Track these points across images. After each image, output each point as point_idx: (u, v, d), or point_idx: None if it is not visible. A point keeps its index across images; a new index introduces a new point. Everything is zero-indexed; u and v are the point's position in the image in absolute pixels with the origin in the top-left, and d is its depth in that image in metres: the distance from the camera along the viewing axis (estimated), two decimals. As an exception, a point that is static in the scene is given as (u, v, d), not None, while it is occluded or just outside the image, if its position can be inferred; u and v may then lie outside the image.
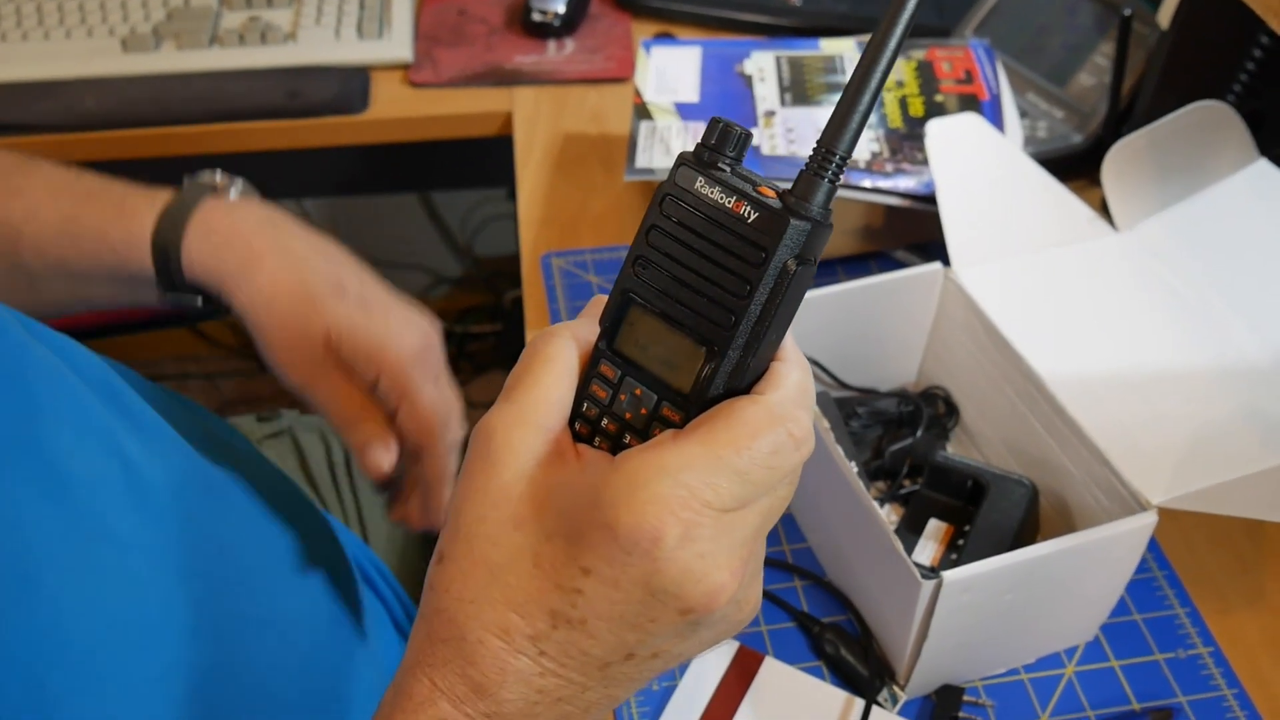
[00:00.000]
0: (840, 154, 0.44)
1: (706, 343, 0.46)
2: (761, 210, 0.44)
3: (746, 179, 0.45)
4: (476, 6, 1.39)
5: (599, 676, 0.47)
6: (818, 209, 0.44)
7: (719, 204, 0.45)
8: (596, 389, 0.49)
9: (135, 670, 0.60)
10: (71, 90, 1.25)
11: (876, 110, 1.03)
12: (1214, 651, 0.81)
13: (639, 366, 0.48)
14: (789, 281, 0.45)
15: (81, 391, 0.66)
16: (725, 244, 0.45)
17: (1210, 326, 0.86)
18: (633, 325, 0.48)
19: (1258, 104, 1.01)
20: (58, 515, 0.59)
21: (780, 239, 0.44)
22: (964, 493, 0.84)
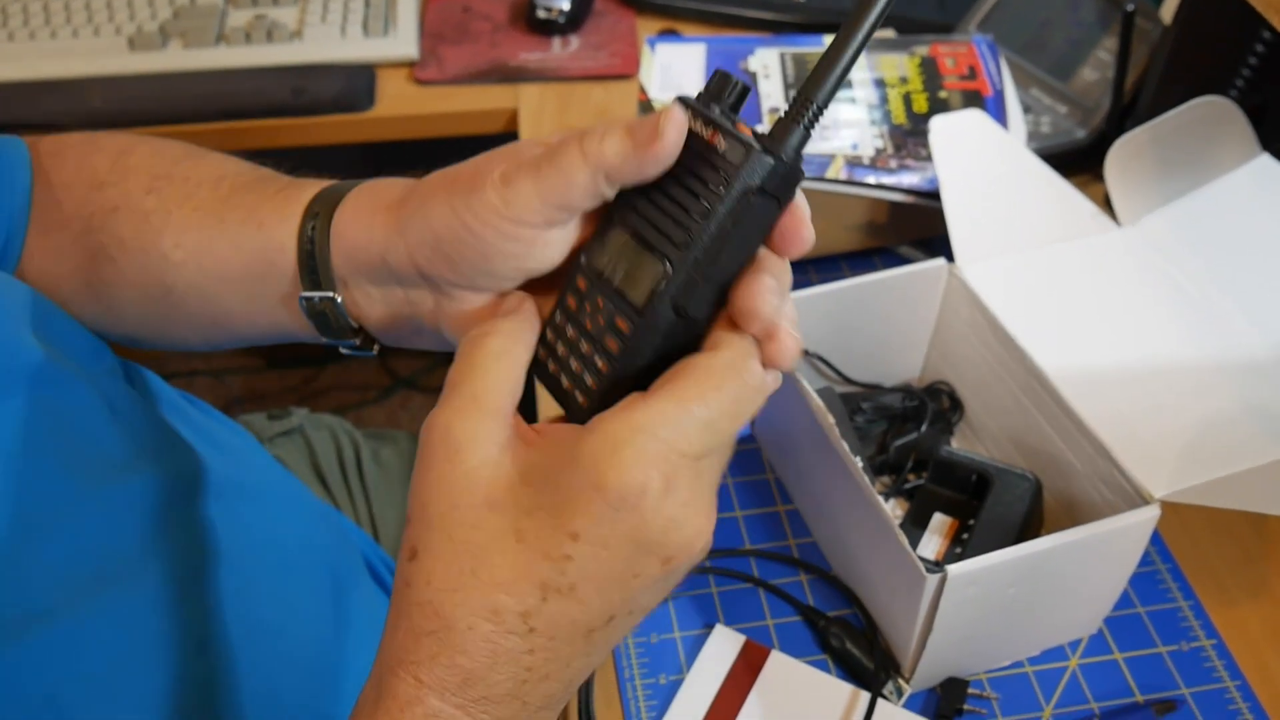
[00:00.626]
0: (817, 103, 0.47)
1: (665, 260, 0.48)
2: (733, 142, 0.47)
3: (729, 118, 0.48)
4: (481, 4, 1.40)
5: (583, 645, 0.48)
6: (788, 151, 0.47)
7: (698, 134, 0.48)
8: (570, 299, 0.52)
9: (148, 680, 0.61)
10: (79, 89, 1.26)
11: (880, 107, 1.03)
12: (1217, 644, 0.81)
13: (607, 281, 0.50)
14: (747, 210, 0.47)
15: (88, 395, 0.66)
16: (696, 171, 0.48)
17: (1212, 321, 0.86)
18: (607, 242, 0.51)
19: (1260, 98, 1.02)
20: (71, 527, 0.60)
21: (743, 168, 0.46)
22: (968, 487, 0.85)
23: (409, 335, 0.61)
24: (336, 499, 1.05)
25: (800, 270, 1.08)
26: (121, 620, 0.61)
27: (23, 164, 0.70)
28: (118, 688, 0.60)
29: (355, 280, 0.59)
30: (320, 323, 0.61)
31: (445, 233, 0.53)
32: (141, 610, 0.62)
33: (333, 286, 0.60)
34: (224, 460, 0.76)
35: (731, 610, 0.83)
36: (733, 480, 0.92)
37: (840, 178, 0.97)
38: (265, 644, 0.70)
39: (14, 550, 0.56)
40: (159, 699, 0.62)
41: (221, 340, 0.69)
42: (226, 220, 0.63)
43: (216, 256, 0.63)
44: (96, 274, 0.68)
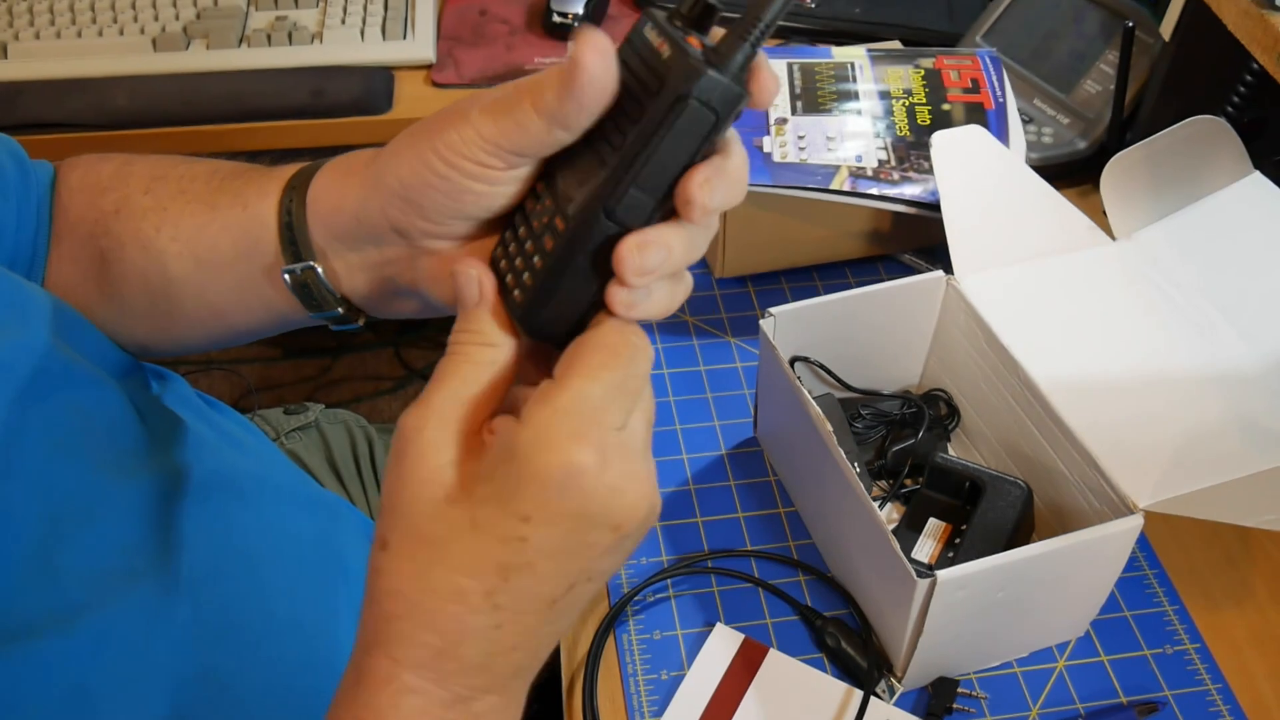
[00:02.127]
0: (765, 22, 0.47)
1: (601, 162, 0.50)
2: (676, 50, 0.48)
3: (683, 30, 0.49)
4: (497, 7, 1.42)
5: (547, 614, 0.51)
6: (730, 67, 0.47)
7: (649, 43, 0.49)
8: (528, 202, 0.55)
9: (170, 672, 0.64)
10: (104, 88, 1.29)
11: (885, 119, 1.06)
12: (1200, 647, 0.84)
13: (556, 185, 0.53)
14: (680, 117, 0.48)
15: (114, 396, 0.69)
16: (641, 77, 0.49)
17: (1202, 334, 0.89)
18: (567, 150, 0.52)
19: (1255, 115, 1.04)
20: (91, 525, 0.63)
21: (681, 75, 0.47)
22: (962, 493, 0.87)
23: (390, 300, 0.64)
24: (350, 492, 1.08)
25: (805, 276, 1.12)
26: (145, 615, 0.64)
27: (49, 184, 0.74)
28: (141, 679, 0.63)
29: (333, 248, 0.62)
30: (304, 295, 0.64)
31: (413, 179, 0.55)
32: (164, 604, 0.65)
33: (312, 256, 0.63)
34: (242, 458, 0.79)
35: (732, 609, 0.86)
36: (735, 482, 0.95)
37: (845, 189, 1.00)
38: (281, 636, 0.72)
39: (47, 548, 0.59)
40: (180, 689, 0.64)
41: (222, 335, 0.72)
42: (217, 206, 0.67)
43: (208, 242, 0.67)
44: (105, 276, 0.71)
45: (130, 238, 0.69)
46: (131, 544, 0.65)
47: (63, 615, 0.59)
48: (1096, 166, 1.00)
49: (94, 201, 0.72)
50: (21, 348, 0.63)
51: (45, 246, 0.73)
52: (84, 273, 0.72)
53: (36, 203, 0.73)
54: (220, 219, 0.66)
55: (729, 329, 1.08)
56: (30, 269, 0.72)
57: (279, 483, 0.82)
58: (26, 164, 0.74)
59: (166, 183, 0.70)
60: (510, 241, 0.55)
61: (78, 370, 0.66)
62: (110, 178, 0.72)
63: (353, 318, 0.66)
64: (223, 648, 0.67)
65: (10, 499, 0.59)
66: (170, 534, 0.68)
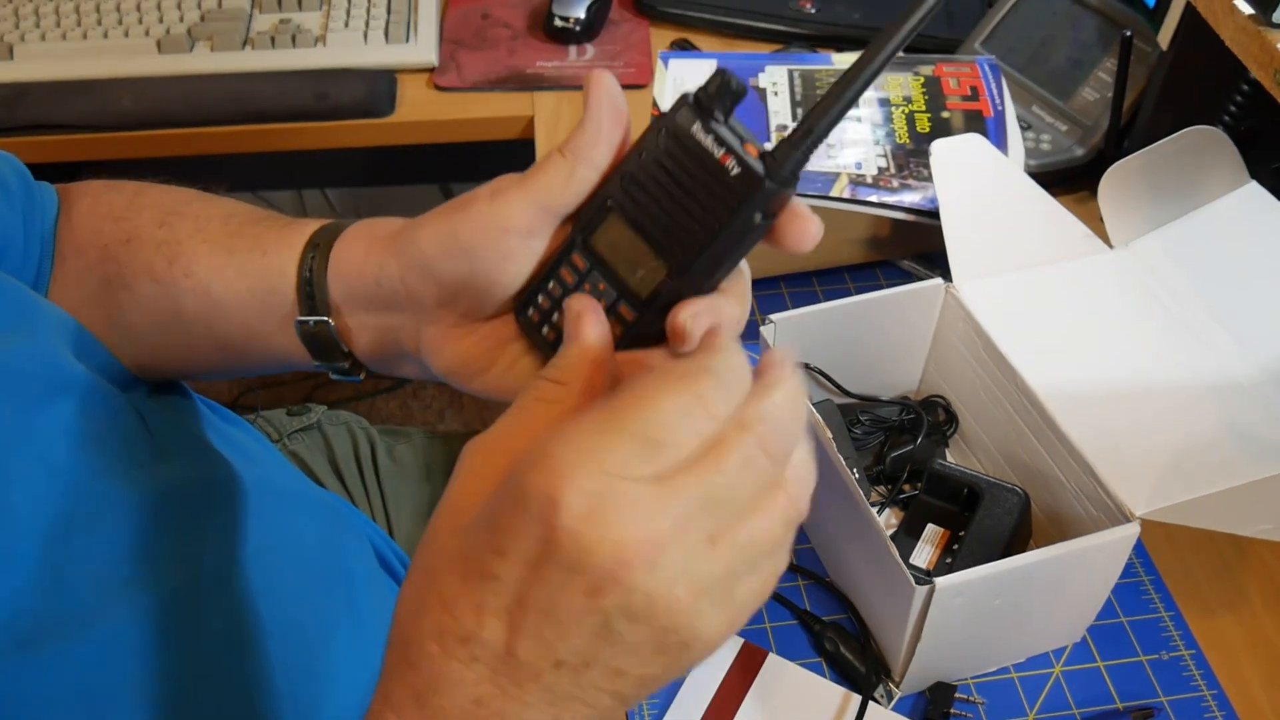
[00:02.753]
0: (817, 133, 0.50)
1: (669, 260, 0.53)
2: (744, 167, 0.50)
3: (736, 133, 0.51)
4: (500, 11, 1.43)
5: (536, 690, 0.45)
6: (787, 176, 0.51)
7: (709, 151, 0.51)
8: (565, 273, 0.56)
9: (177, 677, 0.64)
10: (109, 89, 1.30)
11: (884, 126, 1.07)
12: (1195, 654, 0.85)
13: (607, 265, 0.55)
14: (749, 231, 0.51)
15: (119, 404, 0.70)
16: (706, 186, 0.51)
17: (1198, 343, 0.90)
18: (609, 228, 0.55)
19: (1251, 124, 1.05)
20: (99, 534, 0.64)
21: (754, 195, 0.50)
22: (960, 499, 0.88)
23: (394, 361, 0.66)
24: (352, 494, 1.09)
25: (805, 282, 1.13)
26: (153, 620, 0.64)
27: (53, 205, 0.75)
28: (149, 685, 0.63)
29: (348, 306, 0.64)
30: (313, 345, 0.66)
31: (434, 249, 0.58)
32: (172, 610, 0.66)
33: (327, 312, 0.64)
34: (246, 464, 0.79)
35: (731, 613, 0.87)
36: (735, 486, 0.96)
37: (844, 196, 1.01)
38: (287, 640, 0.73)
39: (55, 554, 0.60)
40: (187, 695, 0.65)
41: (224, 369, 0.74)
42: (235, 250, 0.68)
43: (224, 283, 0.68)
44: (112, 301, 0.72)
45: (141, 268, 0.70)
46: (138, 551, 0.65)
47: (71, 621, 0.60)
48: (1094, 173, 1.01)
49: (103, 228, 0.73)
50: (28, 354, 0.64)
51: (49, 266, 0.74)
52: (89, 297, 0.73)
53: (41, 220, 0.74)
54: (237, 262, 0.68)
55: (729, 334, 1.08)
56: (35, 283, 0.73)
57: (281, 487, 0.83)
58: (31, 182, 0.75)
59: (183, 219, 0.71)
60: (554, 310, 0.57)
61: (83, 378, 0.67)
62: (123, 207, 0.73)
63: (355, 372, 0.68)
64: (229, 653, 0.68)
65: (18, 505, 0.59)
66: (176, 541, 0.68)
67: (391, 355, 0.65)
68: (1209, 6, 0.79)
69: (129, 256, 0.71)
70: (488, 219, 0.56)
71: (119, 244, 0.71)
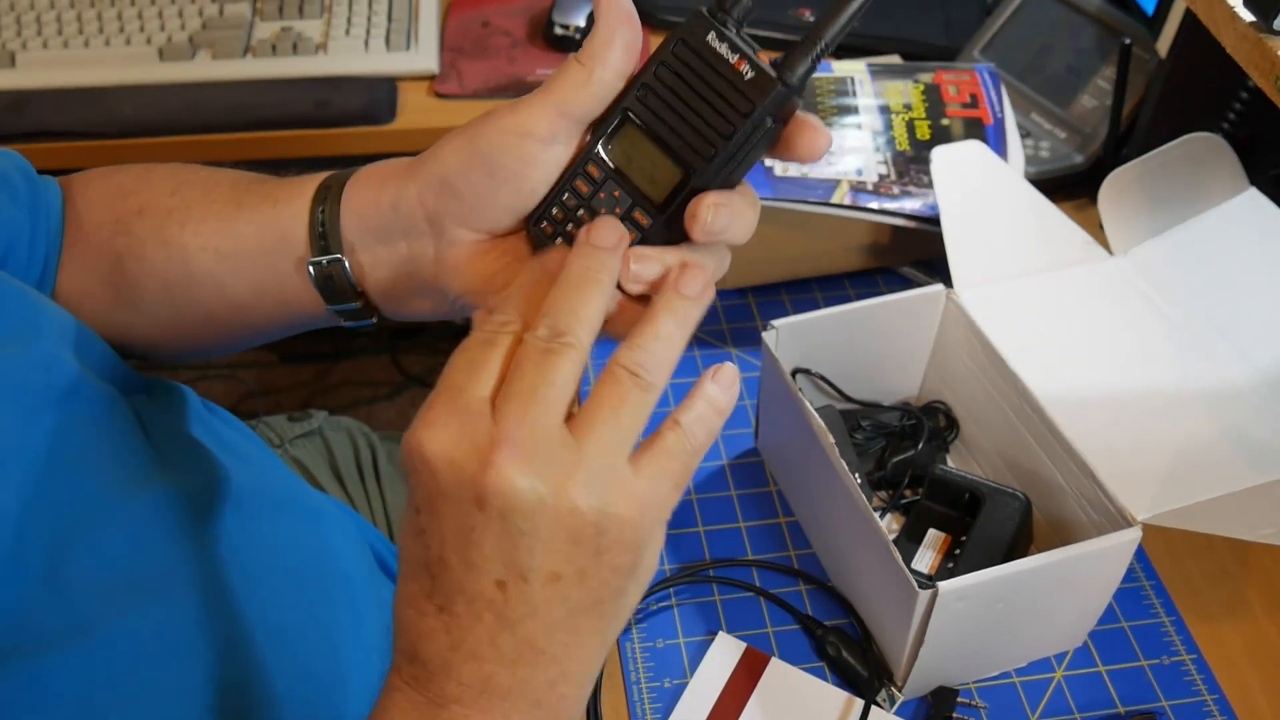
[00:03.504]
0: (826, 41, 0.53)
1: (684, 166, 0.55)
2: (758, 72, 0.53)
3: (747, 42, 0.54)
4: (500, 19, 1.43)
5: (492, 619, 0.50)
6: (799, 82, 0.54)
7: (724, 57, 0.54)
8: (580, 184, 0.58)
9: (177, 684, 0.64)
10: (111, 97, 1.30)
11: (884, 133, 1.07)
12: (1196, 658, 0.85)
13: (622, 174, 0.57)
14: (762, 133, 0.54)
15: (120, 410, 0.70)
16: (722, 91, 0.54)
17: (1197, 349, 0.90)
18: (625, 139, 0.57)
19: (1251, 131, 1.06)
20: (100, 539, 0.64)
21: (767, 98, 0.53)
22: (962, 504, 0.88)
23: (408, 297, 0.67)
24: (354, 498, 1.09)
25: (806, 288, 1.13)
26: (152, 628, 0.64)
27: (58, 197, 0.76)
28: (149, 692, 0.63)
29: (363, 242, 0.66)
30: (326, 288, 0.67)
31: (454, 163, 0.60)
32: (171, 618, 0.66)
33: (340, 251, 0.66)
34: (246, 470, 0.79)
35: (733, 618, 0.87)
36: (737, 492, 0.96)
37: (845, 203, 1.01)
38: (286, 648, 0.73)
39: (54, 561, 0.60)
40: (188, 702, 0.65)
41: (233, 334, 0.75)
42: (245, 204, 0.70)
43: (234, 237, 0.69)
44: (122, 275, 0.73)
45: (152, 235, 0.72)
46: (137, 557, 0.65)
47: (71, 629, 0.60)
48: (1094, 180, 1.02)
49: (114, 205, 0.74)
50: (30, 362, 0.64)
51: (57, 255, 0.75)
52: (98, 276, 0.74)
53: (47, 214, 0.74)
54: (247, 215, 0.70)
55: (730, 340, 1.09)
56: (42, 278, 0.74)
57: (278, 493, 0.83)
58: (35, 177, 0.76)
59: (192, 186, 0.73)
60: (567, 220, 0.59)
61: (85, 383, 0.67)
62: (134, 182, 0.75)
63: (368, 314, 0.69)
64: (229, 659, 0.68)
65: (17, 512, 0.59)
66: (175, 547, 0.68)
67: (406, 290, 0.67)
68: (1209, 13, 0.80)
69: (141, 226, 0.72)
70: (508, 125, 0.58)
71: (132, 215, 0.73)
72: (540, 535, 0.49)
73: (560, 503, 0.49)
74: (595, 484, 0.50)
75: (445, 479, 0.49)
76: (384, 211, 0.64)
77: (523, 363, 0.51)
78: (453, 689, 0.51)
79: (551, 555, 0.50)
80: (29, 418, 0.62)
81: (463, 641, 0.51)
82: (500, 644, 0.51)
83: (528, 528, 0.49)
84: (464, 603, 0.50)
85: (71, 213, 0.75)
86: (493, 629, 0.51)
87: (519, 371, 0.50)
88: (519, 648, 0.51)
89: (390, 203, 0.63)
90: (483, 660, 0.51)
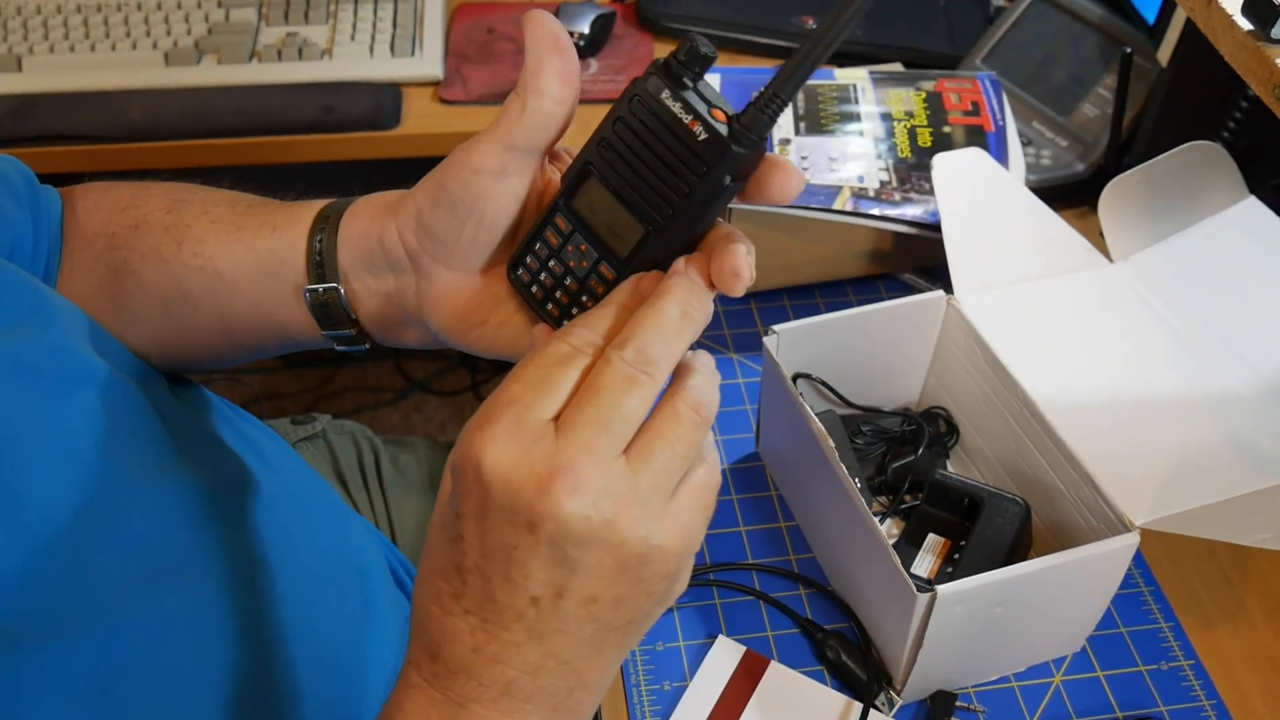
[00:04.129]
0: (783, 98, 0.52)
1: (645, 222, 0.55)
2: (711, 133, 0.52)
3: (704, 99, 0.53)
4: (505, 25, 1.44)
5: (521, 630, 0.51)
6: (756, 139, 0.53)
7: (678, 117, 0.53)
8: (550, 235, 0.59)
9: (193, 673, 0.65)
10: (116, 101, 1.30)
11: (886, 140, 1.08)
12: (1195, 664, 0.85)
13: (587, 226, 0.58)
14: (721, 193, 0.54)
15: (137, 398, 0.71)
16: (676, 151, 0.53)
17: (1197, 355, 0.90)
18: (588, 192, 0.57)
19: (1251, 140, 1.06)
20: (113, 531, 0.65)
21: (722, 160, 0.52)
22: (961, 509, 0.89)
23: (397, 326, 0.69)
24: (357, 503, 1.09)
25: (807, 294, 1.14)
26: (170, 616, 0.65)
27: (57, 205, 0.77)
28: (166, 679, 0.64)
29: (355, 271, 0.67)
30: (321, 314, 0.69)
31: (425, 202, 0.61)
32: (189, 605, 0.67)
33: (336, 279, 0.67)
34: (265, 465, 0.80)
35: (733, 621, 0.88)
36: (737, 496, 0.96)
37: (846, 209, 1.02)
38: (301, 642, 0.73)
39: (77, 545, 0.61)
40: (203, 691, 0.66)
41: (227, 352, 0.76)
42: (243, 228, 0.71)
43: (232, 259, 0.70)
44: (119, 287, 0.74)
45: (149, 251, 0.72)
46: (158, 544, 0.66)
47: (90, 612, 0.60)
48: (1095, 188, 1.02)
49: (111, 218, 0.75)
50: (45, 347, 0.65)
51: (57, 262, 0.76)
52: (96, 285, 0.74)
53: (48, 219, 0.76)
54: (246, 239, 0.70)
55: (731, 345, 1.09)
56: (44, 280, 0.74)
57: (297, 489, 0.83)
58: (36, 183, 0.77)
59: (190, 205, 0.74)
60: (540, 271, 0.60)
61: (100, 371, 0.68)
62: (130, 198, 0.76)
63: (361, 340, 0.70)
64: (245, 650, 0.69)
65: (38, 492, 0.60)
66: (196, 537, 0.69)
67: (395, 320, 0.68)
68: (1208, 22, 0.80)
69: (138, 241, 0.73)
70: (464, 162, 0.59)
71: (127, 230, 0.74)
72: (586, 562, 0.50)
73: (611, 535, 0.50)
74: (647, 517, 0.51)
75: (498, 497, 0.49)
76: (373, 245, 0.65)
77: (601, 387, 0.51)
78: (473, 689, 0.52)
79: (593, 580, 0.51)
80: (43, 402, 0.63)
81: (487, 646, 0.51)
82: (525, 653, 0.52)
83: (575, 554, 0.50)
84: (495, 612, 0.51)
85: (70, 221, 0.76)
86: (520, 639, 0.51)
87: (596, 395, 0.50)
88: (543, 658, 0.52)
89: (378, 237, 0.65)
90: (506, 665, 0.52)
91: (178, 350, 0.76)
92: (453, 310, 0.64)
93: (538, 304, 0.60)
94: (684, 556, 0.53)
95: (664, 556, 0.52)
